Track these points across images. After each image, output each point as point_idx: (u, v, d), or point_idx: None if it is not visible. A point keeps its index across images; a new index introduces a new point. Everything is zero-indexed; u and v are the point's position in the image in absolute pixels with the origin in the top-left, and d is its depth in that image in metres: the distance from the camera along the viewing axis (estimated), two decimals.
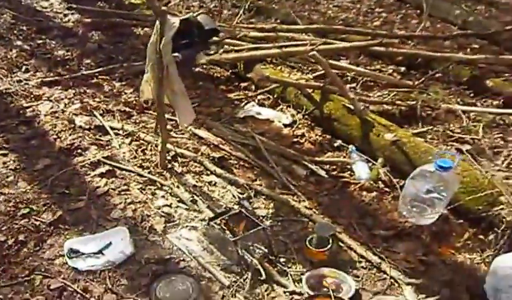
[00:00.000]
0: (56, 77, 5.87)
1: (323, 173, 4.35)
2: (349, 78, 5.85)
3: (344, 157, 4.57)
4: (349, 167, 4.44)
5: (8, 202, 3.95)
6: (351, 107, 4.79)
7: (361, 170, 4.33)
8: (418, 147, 4.27)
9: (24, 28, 7.30)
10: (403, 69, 6.20)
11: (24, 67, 6.13)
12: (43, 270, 3.37)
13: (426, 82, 5.71)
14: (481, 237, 3.68)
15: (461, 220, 3.82)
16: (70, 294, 3.21)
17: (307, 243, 3.55)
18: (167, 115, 4.33)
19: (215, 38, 5.89)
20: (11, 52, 6.52)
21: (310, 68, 5.98)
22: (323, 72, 5.57)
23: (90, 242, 3.60)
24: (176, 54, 3.89)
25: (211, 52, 6.02)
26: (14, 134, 4.85)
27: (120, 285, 3.29)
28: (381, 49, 5.97)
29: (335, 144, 4.77)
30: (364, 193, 4.15)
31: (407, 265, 3.48)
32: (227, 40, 6.06)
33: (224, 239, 3.54)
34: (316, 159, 4.52)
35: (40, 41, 6.91)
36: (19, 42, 6.84)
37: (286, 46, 5.68)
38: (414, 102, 5.23)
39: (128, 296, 3.20)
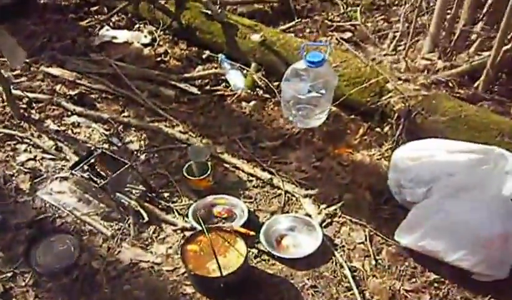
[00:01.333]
0: None
1: (194, 90, 4.00)
2: None
3: (216, 68, 4.22)
4: (223, 78, 4.11)
5: None
6: (209, 12, 4.36)
7: (236, 79, 4.01)
8: (289, 44, 3.95)
9: None
10: None
11: None
12: None
13: None
14: (378, 130, 3.51)
15: (353, 116, 3.62)
16: None
17: (184, 172, 3.24)
18: None
19: None
20: None
21: None
22: None
23: None
24: None
25: None
26: None
27: None
28: None
29: (203, 56, 4.39)
30: (243, 104, 3.86)
31: (301, 175, 3.28)
32: None
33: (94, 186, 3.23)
34: (186, 75, 4.15)
35: None
36: None
37: None
38: None
39: (8, 270, 2.90)
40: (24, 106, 4.01)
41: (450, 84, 3.60)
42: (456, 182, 2.68)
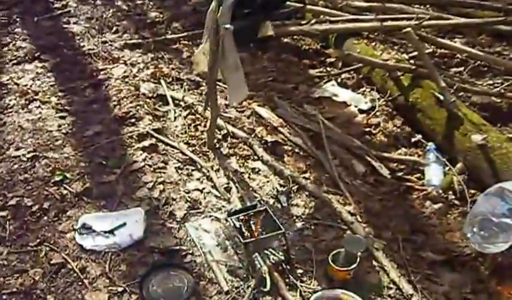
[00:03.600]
0: (140, 40, 5.53)
1: (385, 173, 3.65)
2: (458, 60, 4.98)
3: (419, 156, 3.83)
4: (420, 168, 3.70)
5: (47, 167, 3.81)
6: (441, 97, 3.96)
7: (434, 174, 3.60)
8: (509, 156, 3.43)
9: None
10: None
11: (114, 28, 5.86)
12: (52, 242, 3.21)
13: None
14: None
15: None
16: (67, 272, 3.03)
17: (330, 258, 2.94)
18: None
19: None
20: (108, 12, 6.27)
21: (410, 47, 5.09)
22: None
23: (105, 219, 3.38)
24: (227, 26, 3.37)
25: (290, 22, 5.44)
26: (80, 96, 4.63)
27: (117, 270, 3.03)
28: (506, 28, 4.98)
29: (413, 139, 4.00)
30: (428, 203, 3.43)
31: None
32: (322, 9, 5.35)
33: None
34: (384, 154, 3.83)
35: (140, 1, 6.56)
36: (119, 2, 6.56)
37: (387, 19, 4.87)
38: None
39: (120, 284, 2.92)
40: (220, 137, 4.00)
41: None
42: None
